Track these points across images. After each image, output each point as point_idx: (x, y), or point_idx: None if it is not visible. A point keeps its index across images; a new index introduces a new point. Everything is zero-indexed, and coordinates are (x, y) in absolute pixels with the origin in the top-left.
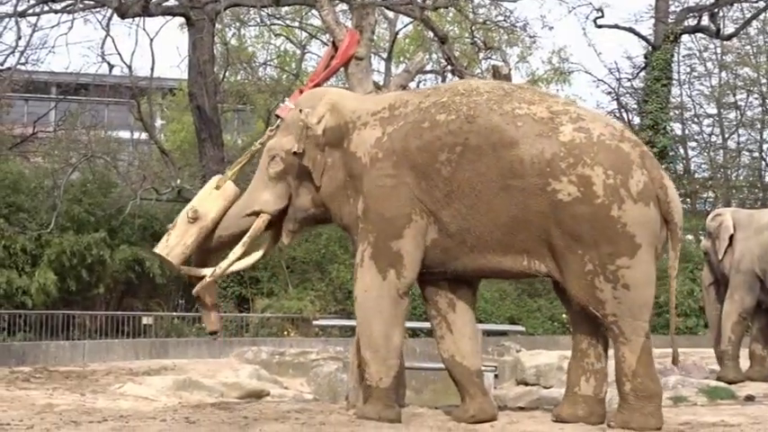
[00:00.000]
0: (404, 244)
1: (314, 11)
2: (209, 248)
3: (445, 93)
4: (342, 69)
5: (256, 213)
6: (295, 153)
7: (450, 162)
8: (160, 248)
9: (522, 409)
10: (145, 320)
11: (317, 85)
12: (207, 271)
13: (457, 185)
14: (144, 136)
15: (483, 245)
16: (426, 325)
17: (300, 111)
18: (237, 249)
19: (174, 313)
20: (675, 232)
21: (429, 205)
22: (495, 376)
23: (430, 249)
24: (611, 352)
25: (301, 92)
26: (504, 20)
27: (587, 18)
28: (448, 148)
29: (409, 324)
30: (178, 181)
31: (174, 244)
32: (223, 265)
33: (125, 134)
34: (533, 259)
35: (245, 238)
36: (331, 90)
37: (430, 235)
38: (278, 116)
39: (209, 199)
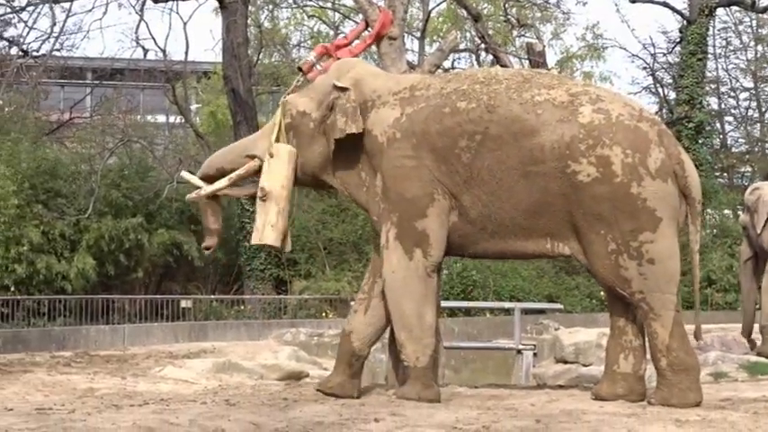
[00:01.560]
0: (428, 223)
1: None
2: (212, 176)
3: (465, 80)
4: (375, 49)
5: (252, 157)
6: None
7: (470, 149)
8: (254, 240)
9: (561, 387)
10: (183, 304)
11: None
12: (203, 185)
13: (477, 172)
14: (179, 120)
15: (504, 230)
16: (464, 304)
17: (335, 87)
18: (224, 180)
19: (213, 296)
20: (695, 207)
21: (450, 188)
22: (534, 355)
23: (450, 232)
24: None
25: (326, 48)
26: None
27: None
28: (468, 136)
29: (447, 304)
30: None
31: (261, 227)
32: (209, 188)
33: (160, 118)
34: (556, 241)
35: (233, 174)
36: (359, 65)
37: (451, 218)
38: (300, 70)
39: (269, 171)
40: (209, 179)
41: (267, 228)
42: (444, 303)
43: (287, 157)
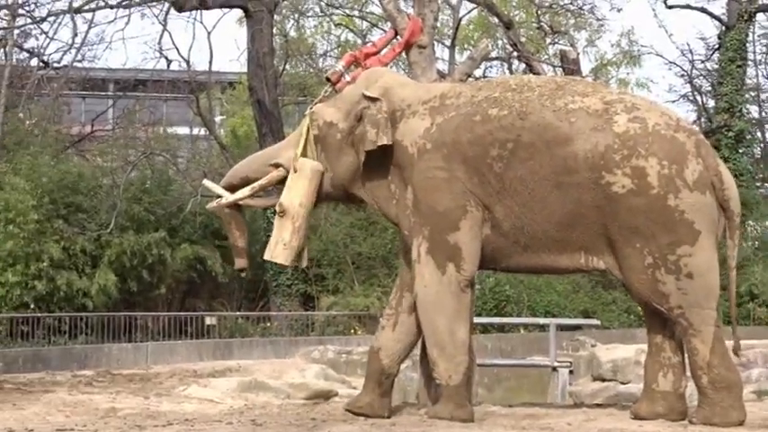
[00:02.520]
0: (461, 236)
1: None
2: (236, 186)
3: (497, 87)
4: (405, 57)
5: (277, 166)
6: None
7: (502, 158)
8: (266, 256)
9: (599, 405)
10: (208, 321)
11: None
12: (225, 194)
13: (509, 182)
14: (203, 132)
15: (537, 244)
16: (497, 320)
17: (364, 97)
18: (246, 190)
19: (238, 313)
20: (733, 220)
21: (483, 199)
22: (570, 372)
23: (482, 247)
24: None
25: (354, 57)
26: (571, 3)
27: None
28: (499, 144)
29: (480, 320)
30: None
31: (274, 244)
32: (230, 197)
33: (184, 130)
34: (591, 256)
35: (255, 183)
36: (388, 74)
37: (483, 231)
38: (328, 80)
39: (290, 186)
40: (232, 189)
41: (279, 245)
42: (477, 319)
43: (310, 173)
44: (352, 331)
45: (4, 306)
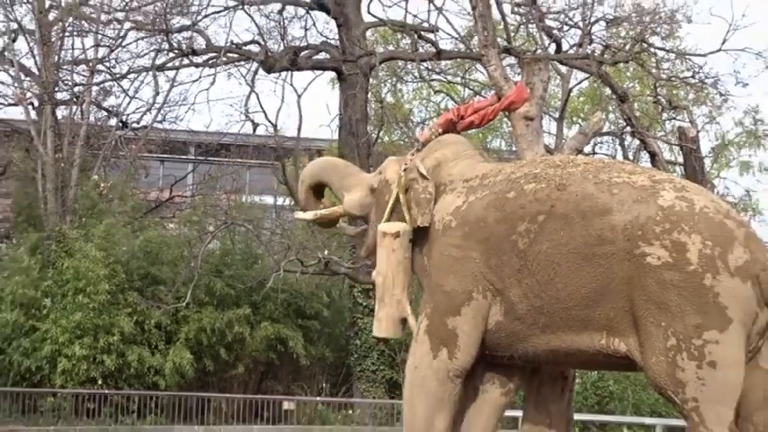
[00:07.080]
0: (460, 322)
1: (478, 65)
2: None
3: (540, 164)
4: (511, 132)
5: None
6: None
7: (529, 233)
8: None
9: None
10: (286, 405)
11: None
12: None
13: (532, 258)
14: (288, 202)
15: (557, 323)
16: (598, 418)
17: (417, 169)
18: (310, 214)
19: (319, 398)
20: None
21: (497, 283)
22: None
23: (493, 333)
24: None
25: (451, 121)
26: (692, 76)
27: None
28: (529, 218)
29: (579, 416)
30: (325, 252)
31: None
32: (302, 214)
33: (268, 199)
34: (612, 336)
35: (316, 211)
36: (451, 146)
37: (493, 317)
38: (417, 141)
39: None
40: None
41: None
42: (577, 416)
43: (389, 242)
44: None
45: (69, 381)
